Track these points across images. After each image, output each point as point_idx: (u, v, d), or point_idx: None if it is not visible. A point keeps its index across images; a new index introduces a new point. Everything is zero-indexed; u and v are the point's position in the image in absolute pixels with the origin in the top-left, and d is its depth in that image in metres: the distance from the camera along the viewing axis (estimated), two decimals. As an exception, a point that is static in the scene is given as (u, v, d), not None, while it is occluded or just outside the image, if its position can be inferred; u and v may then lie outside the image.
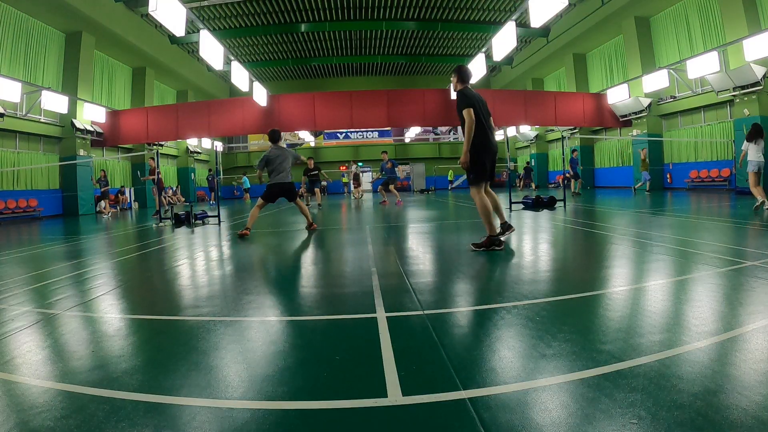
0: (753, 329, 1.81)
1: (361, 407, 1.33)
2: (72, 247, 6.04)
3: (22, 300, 2.87)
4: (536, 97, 18.30)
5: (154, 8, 8.22)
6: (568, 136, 18.02)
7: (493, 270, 3.35)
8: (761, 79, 11.03)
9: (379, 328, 2.05)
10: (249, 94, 15.99)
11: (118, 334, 2.15)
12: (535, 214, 7.87)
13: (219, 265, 4.16)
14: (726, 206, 7.98)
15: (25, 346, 1.98)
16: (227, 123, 16.68)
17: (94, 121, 15.40)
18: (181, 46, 19.07)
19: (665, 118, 15.98)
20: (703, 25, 13.75)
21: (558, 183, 21.38)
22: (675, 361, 1.54)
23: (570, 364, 1.55)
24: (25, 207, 12.86)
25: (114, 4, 14.07)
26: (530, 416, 1.23)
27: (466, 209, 9.92)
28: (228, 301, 2.67)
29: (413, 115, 16.82)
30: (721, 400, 1.25)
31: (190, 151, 22.72)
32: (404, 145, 29.71)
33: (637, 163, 15.84)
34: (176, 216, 8.42)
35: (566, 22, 17.26)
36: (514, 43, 11.97)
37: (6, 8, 12.15)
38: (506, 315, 2.17)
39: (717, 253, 3.50)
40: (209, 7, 16.11)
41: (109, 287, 3.24)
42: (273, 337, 2.04)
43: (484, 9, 17.77)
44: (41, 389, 1.52)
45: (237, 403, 1.38)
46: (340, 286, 3.09)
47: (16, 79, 11.88)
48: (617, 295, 2.49)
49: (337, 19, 18.18)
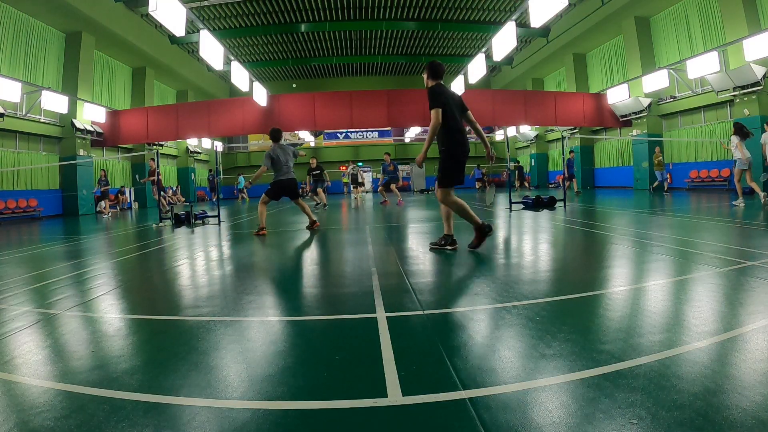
0: (753, 329, 1.81)
1: (361, 407, 1.33)
2: (72, 247, 6.04)
3: (22, 300, 2.87)
4: (536, 97, 18.30)
5: (154, 8, 8.22)
6: (568, 136, 18.03)
7: (493, 270, 3.35)
8: (761, 79, 11.02)
9: (379, 328, 2.05)
10: (249, 94, 16.00)
11: (118, 334, 2.15)
12: (535, 214, 7.87)
13: (219, 265, 4.16)
14: (726, 206, 7.98)
15: (25, 346, 1.98)
16: (227, 123, 16.68)
17: (94, 121, 15.40)
18: (181, 46, 19.07)
19: (665, 118, 15.98)
20: (703, 25, 13.75)
21: (558, 183, 21.37)
22: (675, 361, 1.54)
23: (570, 364, 1.55)
24: (25, 207, 12.86)
25: (114, 4, 14.07)
26: (530, 416, 1.23)
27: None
28: (228, 301, 2.67)
29: (413, 115, 16.82)
30: (721, 400, 1.25)
31: (190, 151, 22.72)
32: (404, 145, 29.70)
33: (639, 163, 15.91)
34: (176, 216, 8.42)
35: (566, 22, 17.26)
36: (514, 43, 11.97)
37: (6, 8, 12.15)
38: (506, 315, 2.17)
39: (717, 253, 3.50)
40: (209, 7, 16.11)
41: (109, 287, 3.24)
42: (273, 337, 2.04)
43: (484, 9, 17.76)
44: (41, 389, 1.52)
45: (237, 403, 1.38)
46: (340, 286, 3.09)
47: (16, 79, 11.88)
48: (617, 295, 2.49)
49: (337, 19, 18.18)
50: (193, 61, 20.76)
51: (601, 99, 17.49)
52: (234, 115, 16.54)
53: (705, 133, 14.40)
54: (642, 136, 15.96)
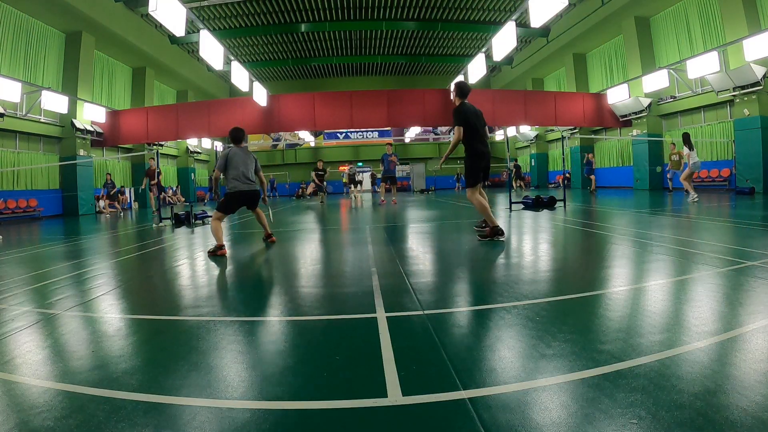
0: (753, 329, 1.81)
1: (361, 407, 1.33)
2: (72, 247, 6.04)
3: (22, 300, 2.87)
4: (536, 97, 18.29)
5: (154, 8, 8.22)
6: (568, 136, 18.03)
7: (493, 270, 3.35)
8: (761, 79, 11.02)
9: (379, 328, 2.05)
10: (249, 94, 16.00)
11: (118, 334, 2.15)
12: (535, 214, 7.87)
13: (219, 265, 4.16)
14: (726, 206, 7.98)
15: (25, 346, 1.98)
16: (227, 123, 16.65)
17: (94, 121, 15.40)
18: (181, 46, 19.06)
19: (665, 118, 15.98)
20: (703, 25, 13.75)
21: (558, 183, 21.36)
22: (675, 361, 1.54)
23: (570, 364, 1.55)
24: (25, 207, 12.86)
25: (114, 4, 14.07)
26: (530, 416, 1.23)
27: (465, 209, 9.91)
28: (228, 301, 2.67)
29: (413, 115, 16.82)
30: (721, 400, 1.25)
31: (190, 151, 22.71)
32: (404, 145, 29.70)
33: (639, 163, 15.98)
34: (176, 216, 8.42)
35: (566, 22, 17.25)
36: (514, 43, 11.97)
37: (6, 8, 12.14)
38: (506, 315, 2.17)
39: (717, 253, 3.50)
40: (209, 7, 16.10)
41: (109, 287, 3.24)
42: (273, 337, 2.04)
43: (484, 9, 17.76)
44: (41, 389, 1.52)
45: (237, 403, 1.38)
46: (340, 286, 3.09)
47: (16, 79, 11.87)
48: (617, 295, 2.49)
49: (337, 19, 18.18)
50: (193, 61, 20.75)
51: (601, 99, 17.49)
52: (234, 115, 16.54)
53: (705, 133, 14.40)
54: (642, 136, 15.96)
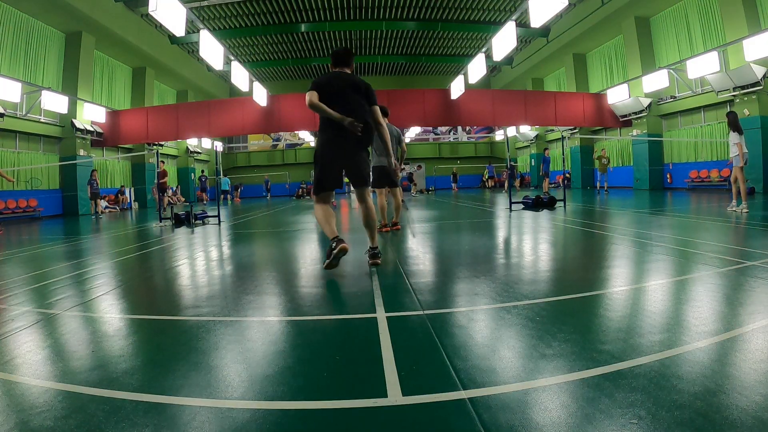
0: (753, 329, 1.81)
1: (361, 407, 1.33)
2: (72, 247, 6.04)
3: (22, 300, 2.87)
4: (536, 97, 18.30)
5: (154, 8, 8.22)
6: (568, 136, 18.02)
7: (493, 270, 3.34)
8: (761, 79, 11.02)
9: (379, 328, 2.05)
10: (249, 94, 16.00)
11: (118, 334, 2.15)
12: (535, 213, 7.87)
13: (219, 265, 4.16)
14: (726, 206, 7.97)
15: (25, 346, 1.98)
16: (227, 123, 16.70)
17: (94, 121, 15.40)
18: (181, 46, 19.06)
19: (665, 118, 15.98)
20: (703, 25, 13.75)
21: (558, 183, 21.36)
22: (675, 361, 1.54)
23: (570, 364, 1.55)
24: (25, 207, 12.86)
25: (114, 4, 14.07)
26: (530, 416, 1.22)
27: (466, 209, 9.92)
28: (228, 301, 2.67)
29: (413, 115, 16.83)
30: (721, 400, 1.25)
31: (190, 151, 22.70)
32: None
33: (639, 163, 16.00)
34: (176, 216, 8.42)
35: (566, 22, 17.25)
36: (514, 43, 11.96)
37: (6, 8, 12.15)
38: (506, 315, 2.17)
39: (717, 253, 3.50)
40: (209, 7, 16.10)
41: (109, 287, 3.24)
42: (273, 337, 2.04)
43: (484, 9, 17.76)
44: (41, 389, 1.52)
45: (237, 403, 1.38)
46: (340, 286, 3.09)
47: (16, 79, 11.88)
48: (617, 295, 2.49)
49: (337, 19, 18.17)
50: (193, 61, 20.75)
51: (601, 99, 17.49)
52: (234, 115, 16.55)
53: (705, 133, 14.41)
54: (642, 136, 15.96)
